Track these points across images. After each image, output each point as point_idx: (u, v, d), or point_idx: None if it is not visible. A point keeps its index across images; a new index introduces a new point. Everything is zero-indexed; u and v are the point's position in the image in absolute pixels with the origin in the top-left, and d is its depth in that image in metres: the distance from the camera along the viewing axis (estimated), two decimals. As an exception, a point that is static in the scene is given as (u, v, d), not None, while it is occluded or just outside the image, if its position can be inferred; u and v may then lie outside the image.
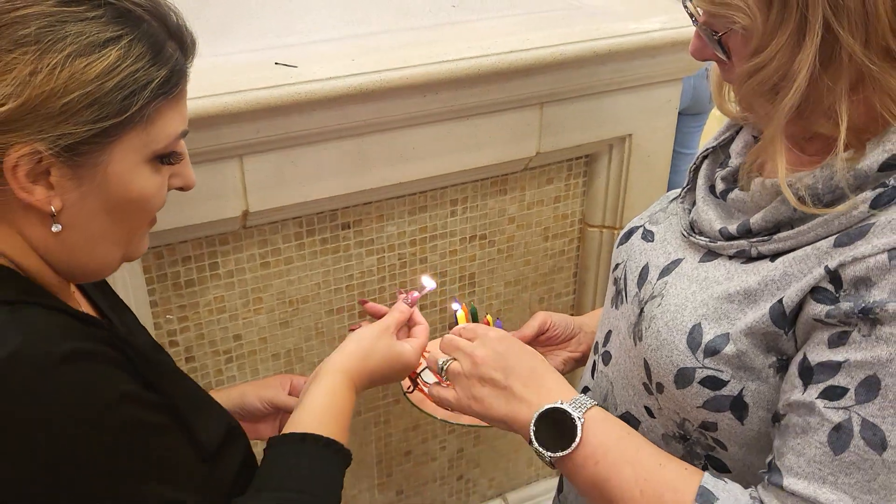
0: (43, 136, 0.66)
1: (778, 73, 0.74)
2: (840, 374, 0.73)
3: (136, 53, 0.69)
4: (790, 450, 0.76)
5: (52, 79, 0.65)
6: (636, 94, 1.45)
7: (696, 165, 0.98)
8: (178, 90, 0.74)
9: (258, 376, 1.44)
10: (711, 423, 0.84)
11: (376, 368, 0.97)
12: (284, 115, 1.16)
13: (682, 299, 0.86)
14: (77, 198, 0.71)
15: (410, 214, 1.43)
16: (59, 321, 0.70)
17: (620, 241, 1.03)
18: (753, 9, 0.73)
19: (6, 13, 0.65)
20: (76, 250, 0.74)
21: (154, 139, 0.73)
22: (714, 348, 0.81)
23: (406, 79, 1.20)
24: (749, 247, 0.83)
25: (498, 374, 0.91)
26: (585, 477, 0.84)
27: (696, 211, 0.92)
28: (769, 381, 0.81)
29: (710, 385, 0.82)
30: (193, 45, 0.76)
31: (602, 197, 1.58)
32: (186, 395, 0.81)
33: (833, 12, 0.69)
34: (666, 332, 0.85)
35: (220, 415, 0.87)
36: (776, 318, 0.78)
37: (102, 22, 0.67)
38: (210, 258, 1.30)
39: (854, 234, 0.75)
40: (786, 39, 0.72)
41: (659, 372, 0.86)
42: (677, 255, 0.92)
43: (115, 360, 0.69)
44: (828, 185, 0.77)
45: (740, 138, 0.94)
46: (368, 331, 1.00)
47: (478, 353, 0.94)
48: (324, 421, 0.86)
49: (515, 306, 1.64)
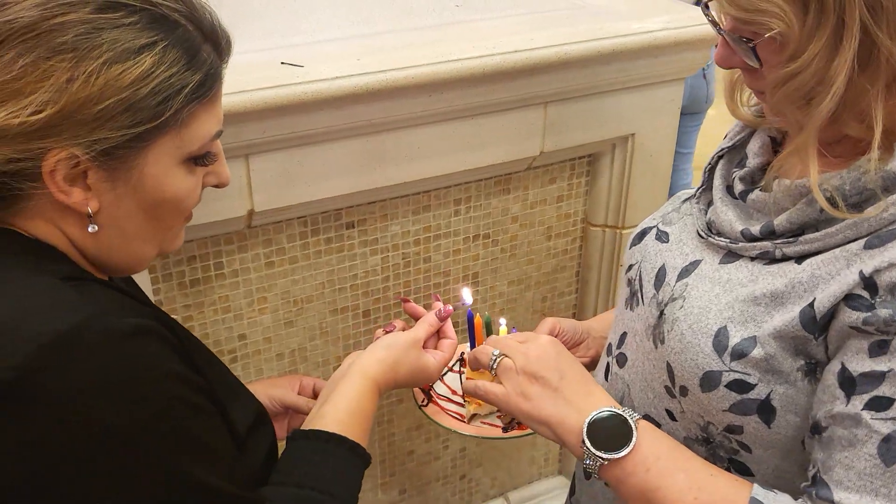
0: (80, 141, 0.68)
1: (815, 78, 0.73)
2: (885, 384, 0.73)
3: (171, 59, 0.70)
4: (837, 463, 0.75)
5: (89, 86, 0.66)
6: (639, 93, 1.46)
7: (710, 165, 0.98)
8: (213, 93, 0.75)
9: (262, 376, 1.44)
10: (737, 427, 0.84)
11: (401, 378, 0.98)
12: (290, 115, 1.16)
13: (705, 301, 0.85)
14: (113, 199, 0.73)
15: (414, 214, 1.43)
16: (119, 298, 0.72)
17: (633, 241, 1.03)
18: (790, 14, 0.71)
19: (45, 20, 0.66)
20: (112, 248, 0.76)
21: (188, 142, 0.74)
22: (741, 351, 0.81)
23: (411, 78, 1.20)
24: (773, 248, 0.82)
25: (552, 375, 0.90)
26: (634, 485, 0.82)
27: (714, 211, 0.92)
28: (797, 384, 0.80)
29: (737, 388, 0.82)
30: (229, 46, 0.77)
31: (605, 196, 1.58)
32: (222, 378, 0.82)
33: (871, 14, 0.69)
34: (690, 335, 0.85)
35: (249, 399, 0.88)
36: (806, 322, 0.78)
37: (138, 28, 0.68)
38: (215, 258, 1.30)
39: (885, 237, 0.75)
40: (823, 44, 0.71)
41: (683, 375, 0.86)
42: (695, 256, 0.91)
43: (168, 340, 0.71)
44: (855, 186, 0.77)
45: (757, 139, 0.93)
46: (401, 339, 0.99)
47: (532, 351, 0.92)
48: (350, 424, 0.87)
49: (518, 305, 1.65)
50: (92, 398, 0.65)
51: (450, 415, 1.14)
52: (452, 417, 1.14)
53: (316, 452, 0.84)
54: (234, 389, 0.86)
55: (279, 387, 1.10)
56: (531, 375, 0.90)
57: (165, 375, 0.69)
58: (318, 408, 0.91)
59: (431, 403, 1.13)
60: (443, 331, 1.07)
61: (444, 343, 1.06)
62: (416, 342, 1.01)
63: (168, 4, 0.71)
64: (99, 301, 0.70)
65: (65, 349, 0.64)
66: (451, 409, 1.15)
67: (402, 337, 1.00)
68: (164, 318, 0.76)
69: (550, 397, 0.89)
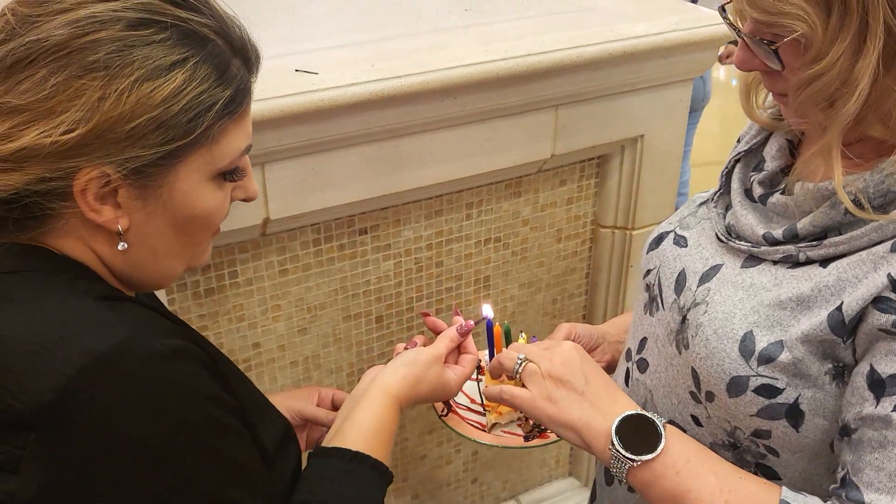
0: (111, 160, 0.67)
1: (839, 79, 0.72)
2: None
3: (202, 75, 0.69)
4: (868, 465, 0.75)
5: (120, 104, 0.66)
6: (648, 94, 1.46)
7: (728, 169, 0.97)
8: (243, 108, 0.74)
9: (276, 384, 1.44)
10: (765, 431, 0.84)
11: (422, 395, 0.97)
12: (306, 123, 1.15)
13: (729, 306, 0.85)
14: (143, 216, 0.72)
15: (427, 219, 1.43)
16: (154, 317, 0.72)
17: (650, 246, 1.02)
18: (812, 16, 0.71)
19: (77, 38, 0.66)
20: (142, 265, 0.76)
21: (219, 158, 0.74)
22: (769, 356, 0.81)
23: (426, 83, 1.19)
24: (797, 252, 0.82)
25: (578, 379, 0.89)
26: (664, 488, 0.82)
27: (734, 215, 0.91)
28: (825, 388, 0.80)
29: (765, 393, 0.81)
30: (258, 60, 0.77)
31: (614, 198, 1.58)
32: (251, 396, 0.82)
33: (894, 14, 0.69)
34: (716, 341, 0.84)
35: (277, 416, 0.87)
36: (835, 326, 0.78)
37: (169, 45, 0.68)
38: (229, 266, 1.30)
39: None
40: (847, 45, 0.71)
41: (709, 381, 0.85)
42: (716, 261, 0.91)
43: (203, 361, 0.71)
44: (879, 188, 0.77)
45: (774, 142, 0.93)
46: (423, 356, 0.98)
47: (556, 357, 0.92)
48: (373, 443, 0.86)
49: (529, 308, 1.65)
50: (131, 419, 0.65)
51: (470, 424, 1.13)
52: (473, 427, 1.13)
53: (339, 471, 0.83)
54: (262, 407, 0.86)
55: (298, 399, 1.10)
56: (557, 379, 0.90)
57: (203, 398, 0.69)
58: (340, 424, 0.91)
59: (451, 413, 1.13)
60: (463, 346, 1.06)
61: (465, 358, 1.05)
62: (438, 359, 1.00)
63: (198, 20, 0.70)
64: (136, 321, 0.70)
65: (104, 370, 0.64)
66: (471, 419, 1.14)
67: (425, 353, 0.99)
68: (195, 337, 0.76)
69: (577, 401, 0.88)
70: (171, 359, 0.67)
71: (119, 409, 0.64)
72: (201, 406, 0.69)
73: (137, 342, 0.66)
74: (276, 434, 0.83)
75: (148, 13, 0.67)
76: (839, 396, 0.80)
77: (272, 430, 0.83)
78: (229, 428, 0.72)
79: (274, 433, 0.83)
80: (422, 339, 1.07)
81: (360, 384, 0.97)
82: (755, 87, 0.93)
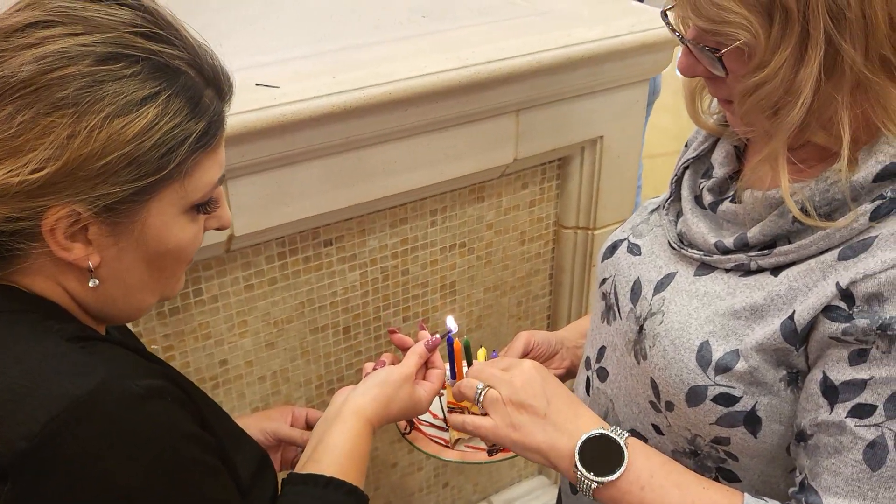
0: (81, 198, 0.65)
1: (782, 87, 0.73)
2: (866, 391, 0.74)
3: (175, 109, 0.67)
4: (825, 470, 0.77)
5: (91, 141, 0.64)
6: (606, 96, 1.47)
7: (677, 177, 0.98)
8: (216, 140, 0.73)
9: (245, 400, 1.42)
10: (724, 438, 0.85)
11: (394, 414, 0.97)
12: (269, 137, 1.14)
13: (685, 316, 0.86)
14: (115, 252, 0.70)
15: (391, 227, 1.42)
16: (127, 356, 0.70)
17: (604, 255, 1.03)
18: (755, 24, 0.72)
19: (44, 74, 0.63)
20: (113, 300, 0.74)
21: (192, 191, 0.72)
22: (725, 365, 0.82)
23: (388, 94, 1.19)
24: (748, 260, 0.83)
25: (539, 402, 0.89)
26: (630, 503, 0.83)
27: (685, 223, 0.92)
28: (780, 394, 0.82)
29: (723, 402, 0.83)
30: (230, 88, 0.75)
31: (575, 199, 1.59)
32: (227, 427, 0.81)
33: (834, 24, 0.70)
34: (673, 351, 0.85)
35: (252, 446, 0.86)
36: (787, 335, 0.79)
37: (140, 79, 0.66)
38: (194, 284, 1.27)
39: (857, 247, 0.76)
40: (789, 54, 0.72)
41: (668, 391, 0.86)
42: (669, 269, 0.91)
43: (180, 399, 0.70)
44: (824, 196, 0.78)
45: (721, 148, 0.93)
46: (394, 376, 0.98)
47: (517, 380, 0.91)
48: (346, 466, 0.86)
49: (495, 311, 1.65)
50: (109, 463, 0.63)
51: (433, 440, 1.12)
52: (436, 443, 1.12)
53: (314, 498, 0.83)
54: (237, 438, 0.85)
55: (272, 419, 1.09)
56: (518, 405, 0.90)
57: (179, 437, 0.68)
58: (313, 449, 0.90)
59: (414, 430, 1.12)
60: (430, 360, 1.06)
61: (433, 373, 1.05)
62: (408, 377, 0.99)
63: (170, 52, 0.68)
64: (110, 362, 0.68)
65: (80, 415, 0.62)
66: (434, 434, 1.14)
67: (396, 373, 0.99)
68: (169, 372, 0.75)
69: (540, 425, 0.89)
70: (148, 399, 0.66)
71: (96, 454, 0.63)
72: (178, 445, 0.67)
73: (114, 385, 0.64)
74: (251, 463, 0.82)
75: (118, 47, 0.65)
76: (794, 402, 0.82)
77: (247, 460, 0.82)
78: (206, 465, 0.71)
79: (249, 462, 0.82)
80: (389, 356, 1.07)
81: (332, 406, 0.96)
82: (700, 92, 0.93)
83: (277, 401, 1.45)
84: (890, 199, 0.76)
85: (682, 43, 0.81)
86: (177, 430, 0.68)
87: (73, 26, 0.64)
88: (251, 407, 1.43)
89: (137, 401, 0.65)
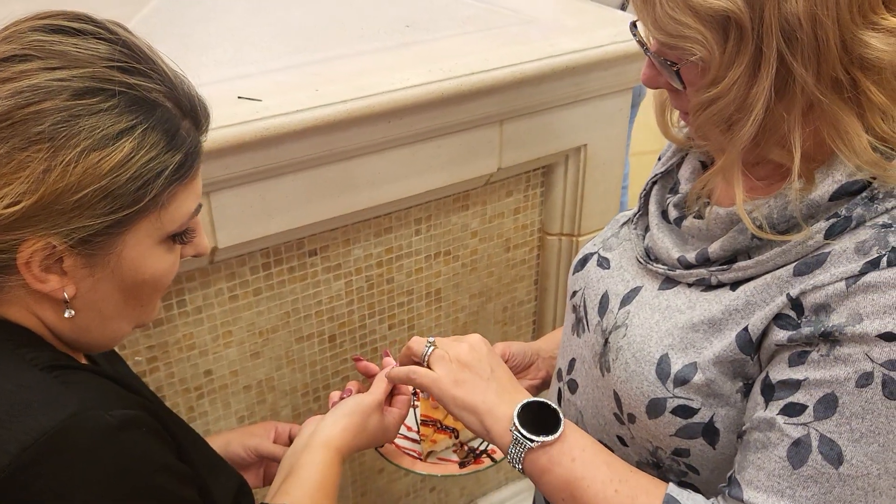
0: (57, 231, 0.66)
1: (735, 103, 0.74)
2: (800, 391, 0.76)
3: (151, 142, 0.68)
4: (750, 464, 0.78)
5: (67, 175, 0.64)
6: (590, 105, 1.48)
7: (646, 191, 0.99)
8: (193, 171, 0.73)
9: (230, 409, 1.42)
10: (684, 450, 0.86)
11: (363, 442, 0.98)
12: (251, 151, 1.14)
13: (646, 329, 0.87)
14: (91, 283, 0.70)
15: (376, 236, 1.42)
16: (102, 385, 0.70)
17: (575, 268, 1.04)
18: (710, 41, 0.73)
19: (20, 109, 0.63)
20: (89, 330, 0.74)
21: (168, 223, 0.72)
22: (683, 378, 0.83)
23: (371, 107, 1.19)
24: (709, 275, 0.85)
25: (483, 366, 0.93)
26: (558, 475, 0.84)
27: (651, 238, 0.93)
28: (737, 405, 0.83)
29: (681, 414, 0.84)
30: (207, 119, 0.75)
31: (559, 206, 1.60)
32: (204, 454, 0.81)
33: (787, 45, 0.71)
34: (634, 364, 0.86)
35: (230, 474, 0.86)
36: (742, 345, 0.81)
37: (116, 113, 0.66)
38: (178, 296, 1.28)
39: (812, 263, 0.78)
40: (742, 71, 0.73)
41: (630, 403, 0.87)
42: (636, 283, 0.92)
43: (155, 430, 0.70)
44: (782, 214, 0.80)
45: (688, 164, 0.95)
46: (362, 405, 0.99)
47: (463, 344, 0.95)
48: (316, 498, 0.86)
49: (480, 318, 1.66)
50: (82, 495, 0.63)
51: (406, 452, 1.14)
52: (409, 455, 1.14)
53: None
54: (215, 466, 0.85)
55: (255, 436, 1.09)
56: (464, 364, 0.93)
57: (153, 469, 0.68)
58: (283, 480, 0.90)
59: (388, 443, 1.13)
60: (395, 386, 1.07)
61: (400, 400, 1.06)
62: (377, 406, 1.00)
63: (147, 85, 0.68)
64: (84, 394, 0.67)
65: (53, 447, 0.62)
66: (407, 447, 1.15)
67: (364, 402, 0.99)
68: (146, 402, 0.74)
69: (481, 386, 0.92)
70: (122, 430, 0.65)
71: (69, 486, 0.62)
72: (152, 478, 0.67)
73: (86, 417, 0.64)
74: (229, 492, 0.82)
75: (94, 81, 0.65)
76: None
77: (225, 489, 0.82)
78: (182, 498, 0.70)
79: (227, 492, 0.82)
80: (355, 384, 1.08)
81: (300, 437, 0.96)
82: (669, 105, 0.94)
83: (263, 409, 1.46)
84: (844, 217, 0.77)
85: (646, 55, 0.82)
86: (150, 461, 0.68)
87: (50, 60, 0.65)
88: (237, 416, 1.43)
89: (111, 432, 0.65)
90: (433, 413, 1.18)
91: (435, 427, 1.16)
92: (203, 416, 1.40)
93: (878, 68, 0.72)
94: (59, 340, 0.74)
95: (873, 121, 0.74)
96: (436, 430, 1.16)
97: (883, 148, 0.75)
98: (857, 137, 0.74)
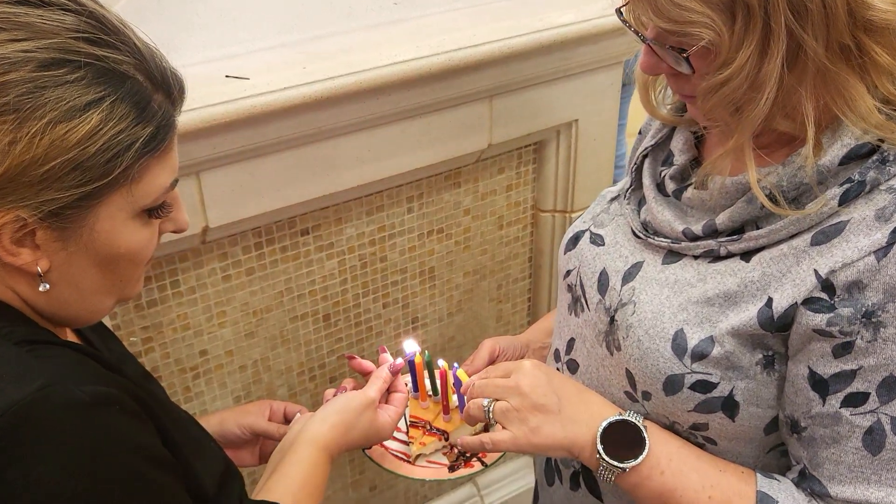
0: (25, 203, 0.65)
1: (746, 83, 0.74)
2: (856, 380, 0.76)
3: (120, 114, 0.67)
4: (826, 460, 0.79)
5: (32, 147, 0.63)
6: (580, 79, 1.48)
7: (637, 165, 0.98)
8: (166, 144, 0.72)
9: (226, 389, 1.43)
10: (702, 424, 0.86)
11: (354, 441, 0.97)
12: (240, 129, 1.14)
13: (657, 305, 0.86)
14: (65, 257, 0.70)
15: (368, 215, 1.43)
16: (81, 362, 0.69)
17: (567, 246, 1.03)
18: (718, 23, 0.72)
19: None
20: (68, 303, 0.74)
21: (141, 196, 0.71)
22: (701, 352, 0.82)
23: (359, 84, 1.19)
24: (718, 246, 0.84)
25: (550, 399, 0.89)
26: (651, 489, 0.85)
27: (649, 211, 0.92)
28: (757, 377, 0.83)
29: (700, 389, 0.83)
30: (182, 93, 0.75)
31: (552, 182, 1.60)
32: (189, 435, 0.80)
33: (795, 17, 0.71)
34: (648, 341, 0.86)
35: (216, 454, 0.85)
36: (764, 322, 0.80)
37: (83, 84, 0.65)
38: (171, 276, 1.28)
39: (830, 232, 0.77)
40: (752, 49, 0.72)
41: (645, 381, 0.87)
42: (636, 258, 0.92)
43: (131, 410, 0.69)
44: (792, 181, 0.79)
45: (679, 135, 0.94)
46: (354, 403, 0.97)
47: (523, 383, 0.91)
48: (300, 496, 0.86)
49: (475, 295, 1.66)
50: (45, 470, 0.62)
51: (395, 455, 1.13)
52: (398, 458, 1.13)
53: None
54: (201, 447, 0.83)
55: (250, 414, 1.09)
56: (532, 407, 0.90)
57: (126, 449, 0.67)
58: (267, 477, 0.89)
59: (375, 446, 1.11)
60: (392, 384, 1.06)
61: (396, 398, 1.05)
62: (370, 404, 0.99)
63: (115, 57, 0.68)
64: (57, 367, 0.67)
65: (19, 420, 0.61)
66: (395, 449, 1.14)
67: (357, 399, 0.98)
68: (124, 383, 0.72)
69: (557, 423, 0.89)
70: (93, 407, 0.64)
71: (35, 463, 0.61)
72: (124, 459, 0.66)
73: (55, 390, 0.63)
74: (215, 473, 0.81)
75: (61, 52, 0.65)
76: (770, 384, 0.83)
77: (211, 470, 0.81)
78: (154, 482, 0.69)
79: (213, 472, 0.81)
80: (351, 382, 1.07)
81: (289, 434, 0.95)
82: (653, 83, 0.93)
83: (259, 389, 1.46)
84: (858, 181, 0.77)
85: (642, 42, 0.81)
86: (122, 441, 0.66)
87: (15, 32, 0.64)
88: (233, 396, 1.44)
89: (81, 407, 0.64)
90: (423, 414, 1.17)
91: (424, 429, 1.15)
92: (199, 397, 1.41)
93: (882, 29, 0.72)
94: (41, 316, 0.74)
95: (879, 83, 0.74)
96: (425, 432, 1.14)
97: (888, 110, 0.75)
98: (862, 102, 0.74)
